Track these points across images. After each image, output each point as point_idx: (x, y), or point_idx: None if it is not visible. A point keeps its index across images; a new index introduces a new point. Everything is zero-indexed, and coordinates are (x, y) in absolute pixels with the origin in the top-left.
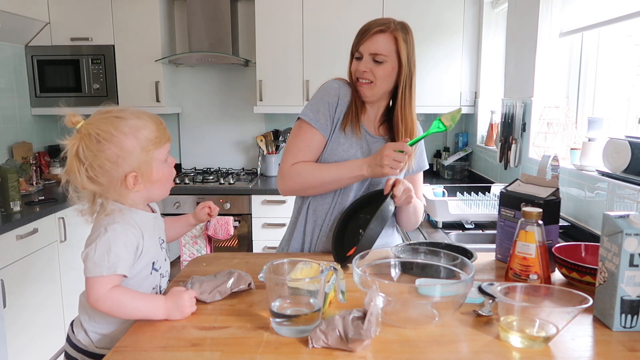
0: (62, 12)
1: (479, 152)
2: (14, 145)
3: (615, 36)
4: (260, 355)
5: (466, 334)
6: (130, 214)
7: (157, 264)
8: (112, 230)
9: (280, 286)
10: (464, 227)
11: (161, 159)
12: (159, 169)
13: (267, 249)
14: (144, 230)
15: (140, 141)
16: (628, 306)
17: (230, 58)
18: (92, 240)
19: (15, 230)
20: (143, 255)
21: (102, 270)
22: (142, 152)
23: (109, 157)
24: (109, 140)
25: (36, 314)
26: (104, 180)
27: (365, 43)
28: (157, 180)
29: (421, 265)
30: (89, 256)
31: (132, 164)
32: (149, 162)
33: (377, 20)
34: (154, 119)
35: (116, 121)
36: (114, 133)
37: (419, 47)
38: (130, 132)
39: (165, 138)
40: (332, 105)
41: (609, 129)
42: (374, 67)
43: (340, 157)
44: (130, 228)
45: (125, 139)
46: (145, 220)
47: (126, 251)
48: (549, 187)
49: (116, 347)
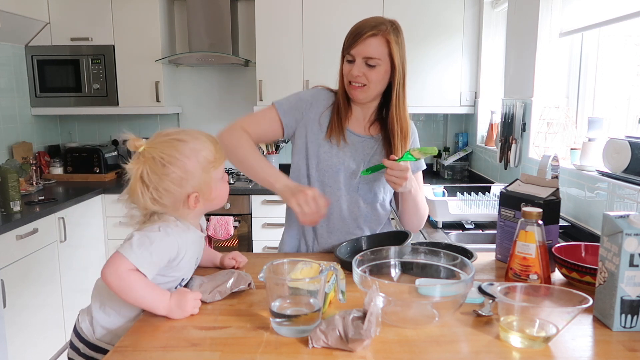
0: (62, 12)
1: (479, 152)
2: (14, 145)
3: (615, 36)
4: (260, 355)
5: (466, 334)
6: (184, 230)
7: (184, 282)
8: (164, 233)
9: (280, 286)
10: (464, 227)
11: (218, 177)
12: (217, 187)
13: (267, 249)
14: (188, 249)
15: (201, 162)
16: (628, 306)
17: (230, 58)
18: (145, 229)
19: (15, 230)
20: (178, 269)
21: (131, 257)
22: (203, 173)
23: (174, 180)
24: (173, 164)
25: (36, 314)
26: (167, 201)
27: (358, 47)
28: (215, 197)
29: (421, 265)
30: (132, 239)
31: (194, 185)
32: (209, 182)
33: (368, 21)
34: (211, 139)
35: (178, 144)
36: (177, 157)
37: (419, 47)
38: (192, 155)
39: (223, 157)
40: (304, 103)
41: (609, 129)
42: (367, 71)
43: (325, 162)
44: (177, 243)
45: (188, 162)
46: (194, 238)
47: (160, 257)
48: (549, 187)
49: (116, 347)
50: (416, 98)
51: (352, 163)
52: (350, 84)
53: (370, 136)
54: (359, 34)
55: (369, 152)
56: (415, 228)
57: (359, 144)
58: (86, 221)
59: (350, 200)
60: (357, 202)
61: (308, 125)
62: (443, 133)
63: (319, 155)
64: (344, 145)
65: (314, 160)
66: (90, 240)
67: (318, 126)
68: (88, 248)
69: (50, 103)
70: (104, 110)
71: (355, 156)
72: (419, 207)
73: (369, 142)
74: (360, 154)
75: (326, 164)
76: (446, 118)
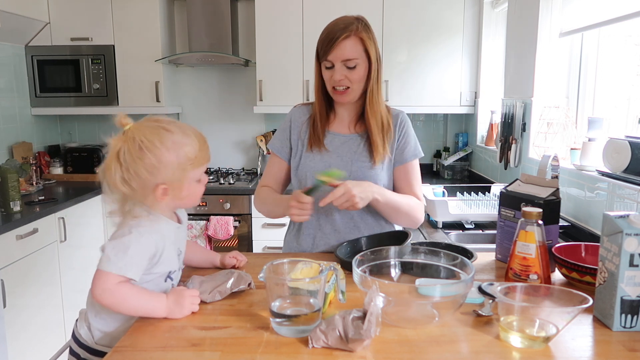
0: (62, 12)
1: (479, 152)
2: (14, 145)
3: (615, 36)
4: (260, 355)
5: (466, 334)
6: (157, 221)
7: (172, 274)
8: (137, 233)
9: (280, 286)
10: (464, 227)
11: (195, 178)
12: (190, 187)
13: (267, 249)
14: (166, 239)
15: (179, 157)
16: (628, 306)
17: (230, 58)
18: (115, 237)
19: (15, 230)
20: (160, 264)
21: (113, 269)
22: (178, 169)
23: (146, 166)
24: (151, 151)
25: (36, 314)
26: (135, 185)
27: (334, 51)
28: (186, 196)
29: (421, 265)
30: (107, 251)
31: (165, 177)
32: (182, 179)
33: (337, 24)
34: (200, 139)
35: (163, 133)
36: (157, 145)
37: (419, 47)
38: (173, 147)
39: (205, 159)
40: (286, 130)
41: (609, 129)
42: (348, 74)
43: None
44: (154, 235)
45: (167, 153)
46: (169, 230)
47: (141, 258)
48: (549, 187)
49: (116, 347)
50: (416, 98)
51: (340, 164)
52: (335, 89)
53: (356, 134)
54: (332, 39)
55: (355, 150)
56: (410, 227)
57: (344, 144)
58: (86, 221)
59: None
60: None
61: (293, 144)
62: (443, 133)
63: (306, 165)
64: (326, 151)
65: (303, 172)
66: (90, 240)
67: (301, 142)
68: (88, 248)
69: (50, 103)
70: (104, 110)
71: (343, 156)
72: (399, 209)
73: (354, 140)
74: (347, 153)
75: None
76: (446, 118)
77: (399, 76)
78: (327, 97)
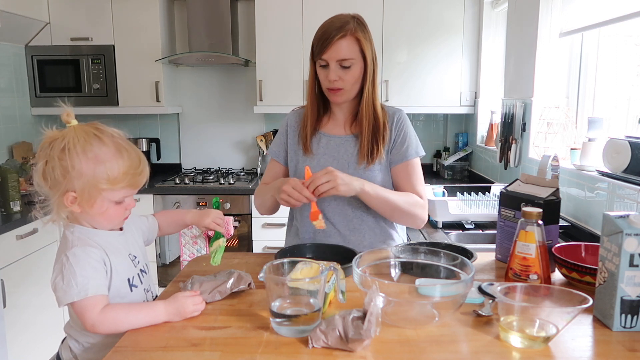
0: (62, 12)
1: (479, 152)
2: (14, 145)
3: (615, 36)
4: (260, 355)
5: (466, 334)
6: (88, 236)
7: (134, 280)
8: (72, 255)
9: (280, 286)
10: (464, 227)
11: (112, 198)
12: (105, 206)
13: (267, 249)
14: (107, 249)
15: (97, 173)
16: (628, 306)
17: (230, 58)
18: (57, 271)
19: (15, 230)
20: (114, 274)
21: (73, 296)
22: (90, 183)
23: (61, 167)
24: (70, 154)
25: (36, 314)
26: (49, 181)
27: (329, 51)
28: (98, 213)
29: (421, 265)
30: (58, 286)
31: (76, 187)
32: (93, 195)
33: (333, 23)
34: (133, 163)
35: (93, 142)
36: (78, 151)
37: (419, 47)
38: (93, 160)
39: (128, 184)
40: (282, 135)
41: (609, 129)
42: (343, 74)
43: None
44: (91, 249)
45: (84, 163)
46: (108, 240)
47: (94, 271)
48: (549, 187)
49: (116, 347)
50: (416, 98)
51: (336, 166)
52: (329, 89)
53: (352, 134)
54: (328, 38)
55: (352, 151)
56: (413, 226)
57: (340, 146)
58: None
59: (341, 203)
60: (349, 204)
61: (290, 148)
62: (443, 133)
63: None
64: (320, 152)
65: (300, 175)
66: None
67: (297, 144)
68: None
69: (50, 103)
70: (104, 110)
71: (339, 159)
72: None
73: (350, 141)
74: (344, 155)
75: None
76: (446, 118)
77: (399, 76)
78: (322, 96)
